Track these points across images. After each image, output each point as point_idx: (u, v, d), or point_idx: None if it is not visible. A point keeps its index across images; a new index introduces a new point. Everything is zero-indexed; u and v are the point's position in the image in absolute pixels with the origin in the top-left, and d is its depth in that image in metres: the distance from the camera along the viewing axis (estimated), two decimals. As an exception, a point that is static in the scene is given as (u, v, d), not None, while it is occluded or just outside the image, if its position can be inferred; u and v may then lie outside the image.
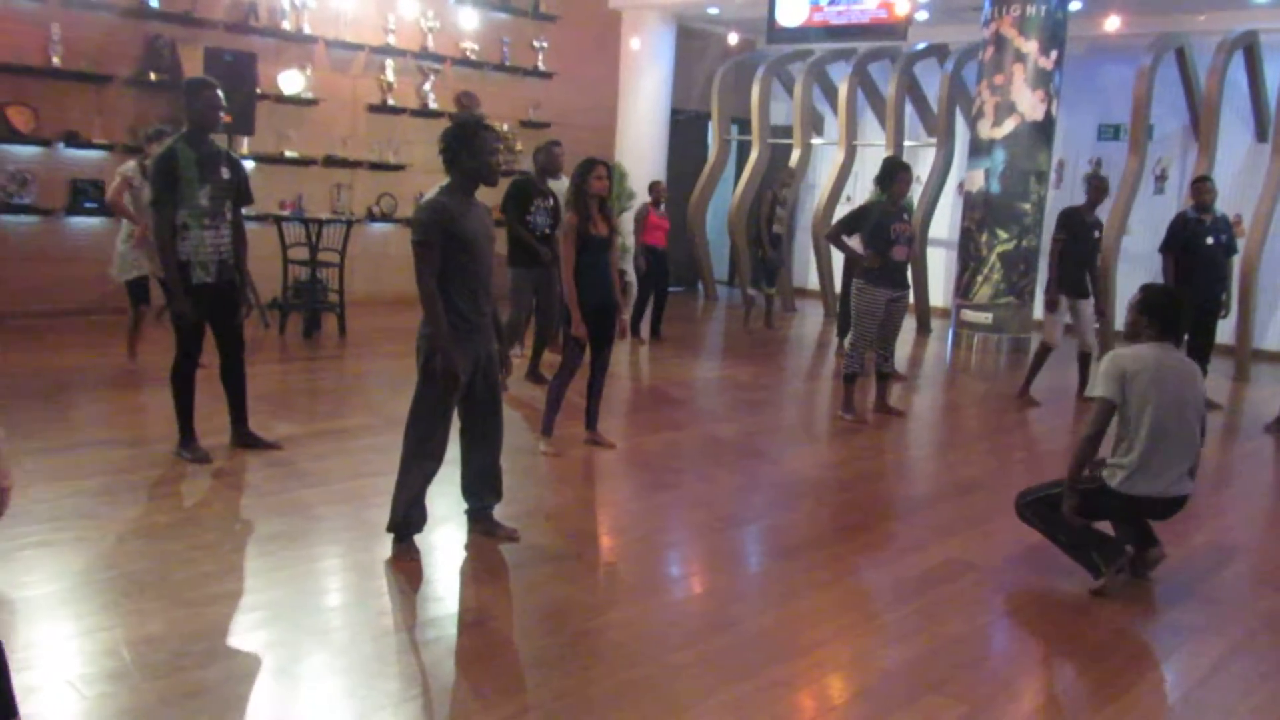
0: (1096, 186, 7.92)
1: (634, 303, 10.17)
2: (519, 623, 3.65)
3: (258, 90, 9.76)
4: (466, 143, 4.00)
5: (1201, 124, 10.47)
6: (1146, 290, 4.28)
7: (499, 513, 4.48)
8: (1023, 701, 3.32)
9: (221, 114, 5.14)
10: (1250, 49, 10.55)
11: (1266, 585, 4.44)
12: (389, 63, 10.99)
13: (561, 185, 7.55)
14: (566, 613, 3.71)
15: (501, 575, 4.05)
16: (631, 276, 11.62)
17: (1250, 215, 10.26)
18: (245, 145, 9.90)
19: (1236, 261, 8.76)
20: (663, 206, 10.06)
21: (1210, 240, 7.96)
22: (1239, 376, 9.72)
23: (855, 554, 4.55)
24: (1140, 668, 3.58)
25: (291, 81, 10.29)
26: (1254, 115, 11.02)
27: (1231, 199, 10.50)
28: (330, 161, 10.67)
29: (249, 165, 9.95)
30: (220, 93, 5.10)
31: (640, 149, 13.19)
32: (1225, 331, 9.02)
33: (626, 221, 12.32)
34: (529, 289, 7.40)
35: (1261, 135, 11.01)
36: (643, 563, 4.35)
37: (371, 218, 10.99)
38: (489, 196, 7.70)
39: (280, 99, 10.23)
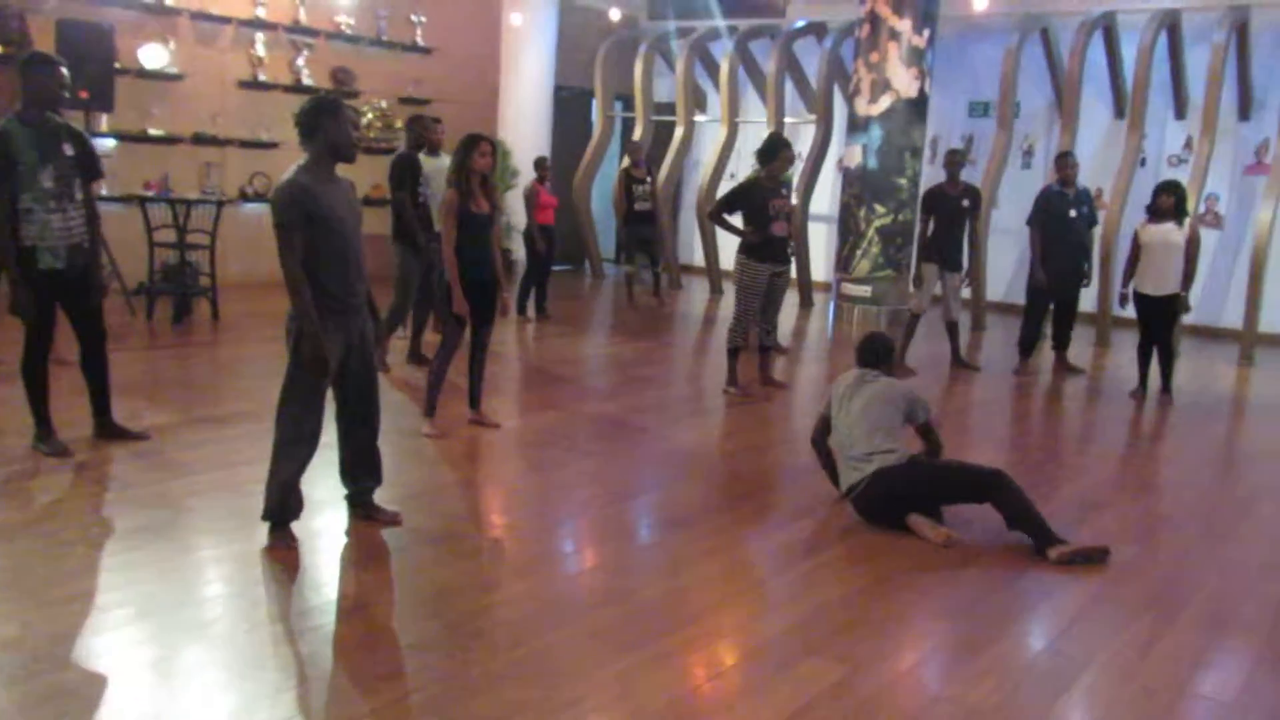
0: (950, 161, 8.19)
1: (521, 281, 10.09)
2: (401, 607, 3.60)
3: (116, 65, 9.30)
4: (324, 118, 3.89)
5: (1064, 102, 10.87)
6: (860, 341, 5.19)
7: (380, 496, 4.40)
8: (897, 660, 3.43)
9: (64, 91, 4.84)
10: (1109, 29, 11.00)
11: (1124, 538, 4.67)
12: (259, 36, 10.61)
13: (442, 164, 7.44)
14: (450, 595, 3.67)
15: (383, 560, 3.98)
16: (519, 255, 11.55)
17: (1110, 189, 10.72)
18: (105, 122, 9.45)
19: (1098, 233, 9.16)
20: (548, 184, 9.99)
21: (1073, 213, 8.30)
22: (1100, 342, 10.18)
23: (740, 524, 4.62)
24: (1006, 621, 3.73)
25: (154, 56, 9.85)
26: (1112, 93, 11.50)
27: (1093, 173, 10.98)
28: (199, 139, 10.27)
29: (109, 143, 9.53)
30: (64, 69, 4.81)
31: (523, 126, 13.05)
32: (1088, 299, 9.42)
33: (510, 199, 12.22)
34: (417, 266, 7.24)
35: (1119, 113, 11.51)
36: (529, 541, 4.33)
37: (244, 198, 10.64)
38: (374, 174, 7.54)
39: (142, 74, 9.79)
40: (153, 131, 9.90)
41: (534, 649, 3.30)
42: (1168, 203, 7.46)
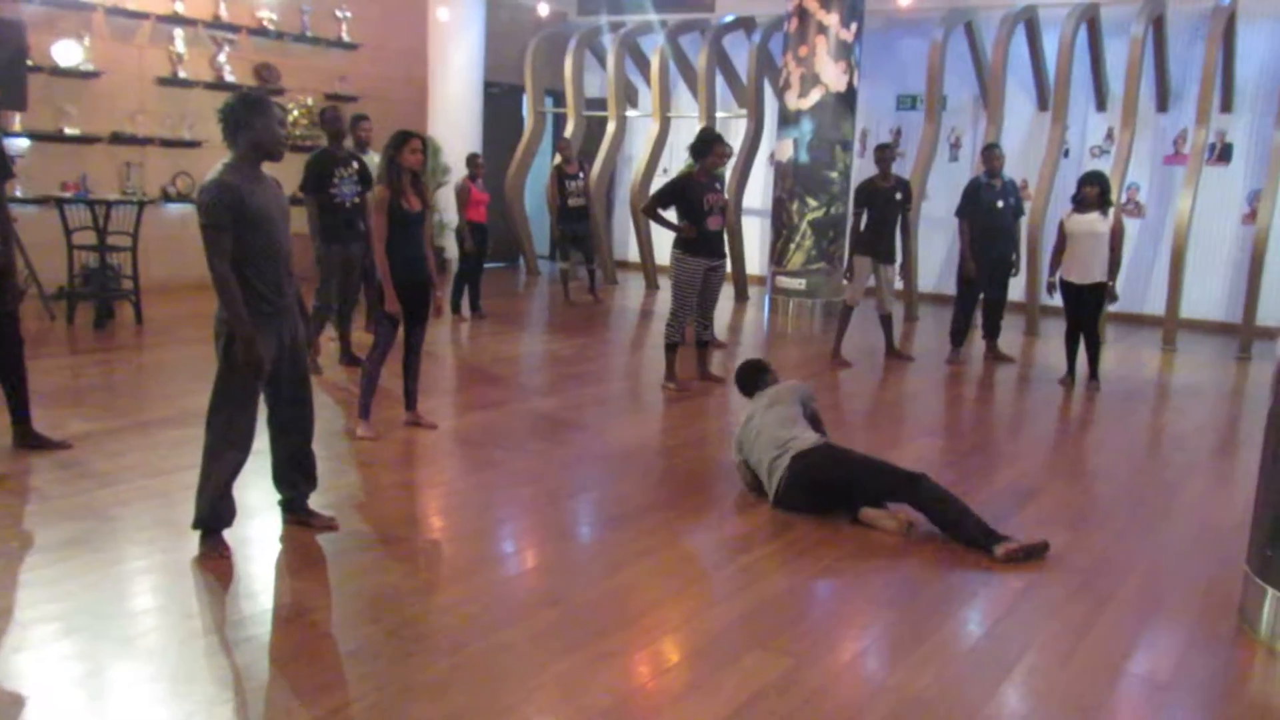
0: (880, 157, 8.28)
1: (454, 279, 9.99)
2: (339, 614, 3.53)
3: (29, 62, 9.00)
4: (249, 115, 3.80)
5: (989, 95, 11.07)
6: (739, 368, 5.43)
7: (315, 501, 4.32)
8: (842, 651, 3.44)
9: None
10: (1030, 23, 11.22)
11: (1058, 523, 4.76)
12: (178, 32, 10.34)
13: (372, 161, 7.33)
14: (389, 600, 3.61)
15: (319, 566, 3.91)
16: (451, 253, 11.43)
17: (1035, 179, 10.94)
18: (18, 121, 9.13)
19: (1024, 223, 9.34)
20: (480, 181, 9.90)
21: (1001, 204, 8.45)
22: (1029, 331, 10.38)
23: (681, 519, 4.61)
24: (948, 609, 3.77)
25: (68, 52, 9.55)
26: (1035, 86, 11.74)
27: (1018, 164, 11.19)
28: (117, 139, 9.98)
29: (22, 143, 9.22)
30: None
31: (454, 123, 12.93)
32: (1016, 289, 9.61)
33: (442, 197, 12.09)
34: (337, 265, 7.12)
35: (1043, 105, 11.75)
36: (469, 543, 4.28)
37: (167, 198, 10.37)
38: (290, 178, 7.40)
39: (56, 71, 9.48)
40: (69, 131, 9.59)
41: (476, 652, 3.25)
42: (1092, 193, 7.63)
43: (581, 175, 10.94)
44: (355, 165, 7.14)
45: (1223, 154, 10.96)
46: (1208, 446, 6.52)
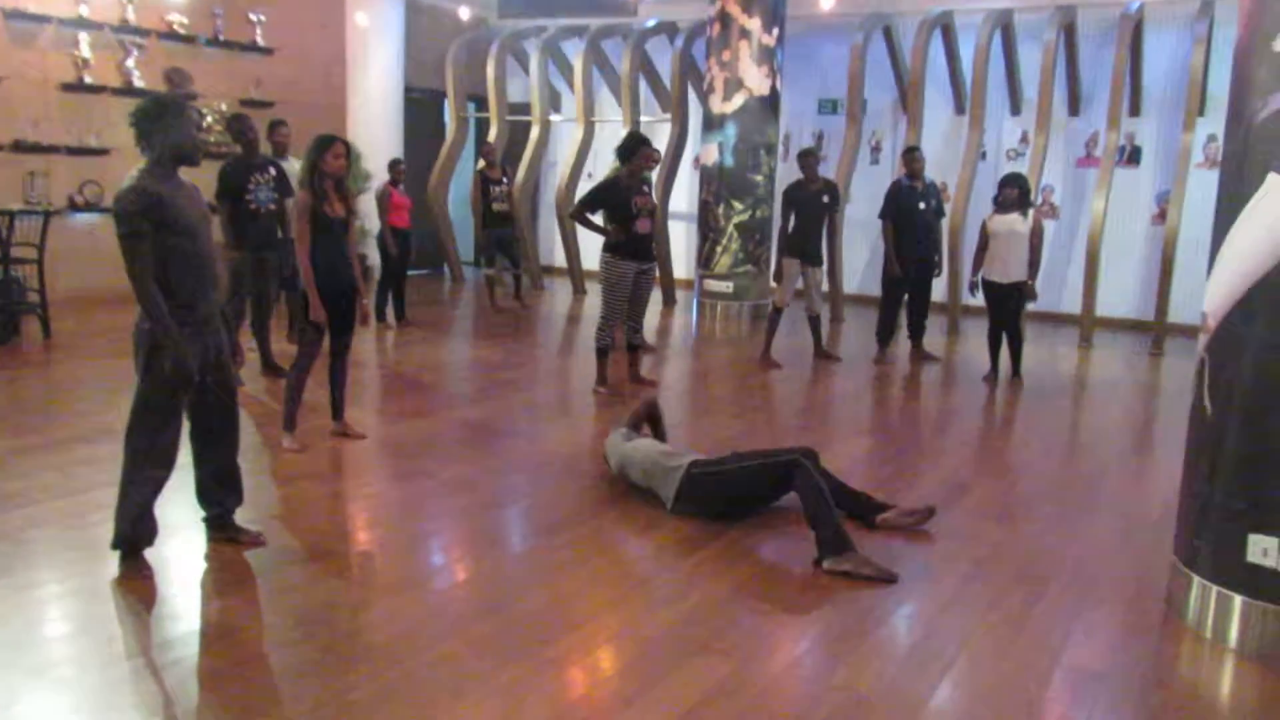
0: (805, 163, 8.36)
1: (378, 286, 9.85)
2: (270, 633, 3.43)
3: (-76, 66, 8.63)
4: (166, 118, 3.69)
5: (908, 99, 11.26)
6: None
7: (241, 516, 4.20)
8: (784, 652, 3.45)
9: None
10: (946, 28, 11.46)
11: (988, 519, 4.84)
12: (83, 36, 10.00)
13: (291, 168, 7.19)
14: (322, 616, 3.52)
15: (247, 583, 3.80)
16: (374, 260, 11.25)
17: (954, 182, 11.16)
18: (-87, 129, 8.75)
19: (945, 224, 9.52)
20: (402, 186, 9.77)
21: (922, 205, 8.59)
22: (952, 330, 10.57)
23: (616, 525, 4.59)
24: (886, 606, 3.80)
25: (-34, 56, 9.17)
26: (953, 90, 11.98)
27: (938, 167, 11.41)
28: (20, 147, 9.61)
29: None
30: None
31: (374, 128, 12.74)
32: (939, 289, 9.77)
33: (363, 204, 11.90)
34: (250, 273, 6.95)
35: (960, 109, 12.00)
36: (401, 555, 4.20)
37: (74, 208, 10.01)
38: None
39: (-47, 76, 9.11)
40: (-33, 138, 9.21)
41: (413, 667, 3.18)
42: (1013, 194, 7.79)
43: (505, 180, 10.86)
44: (272, 171, 7.01)
45: (1132, 156, 11.31)
46: (1126, 441, 6.70)
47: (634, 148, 6.94)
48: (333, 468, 5.35)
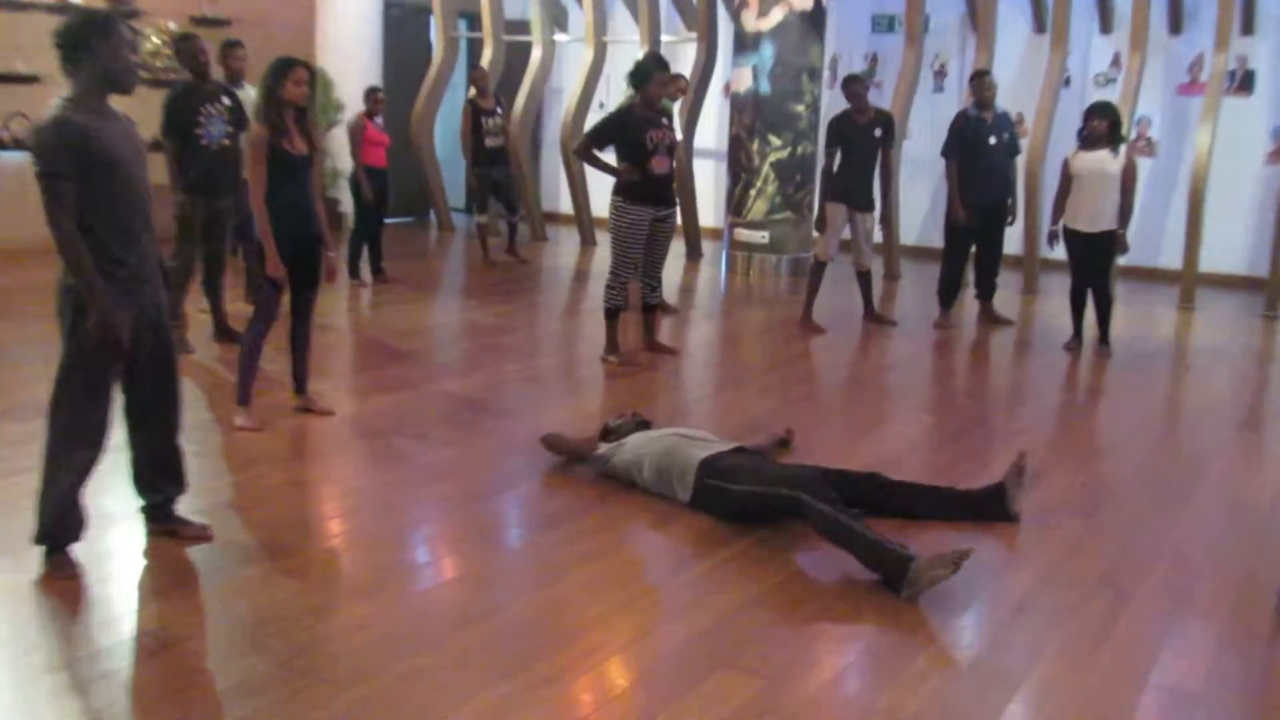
0: (852, 90, 8.24)
1: (351, 236, 9.84)
2: (216, 642, 3.43)
3: None
4: (93, 39, 3.66)
5: (979, 15, 11.09)
6: None
7: (185, 506, 4.20)
8: (821, 669, 3.42)
9: None
10: (1025, -72, 11.26)
11: (1067, 511, 4.79)
12: (7, -57, 9.97)
13: (248, 96, 7.16)
14: (279, 622, 3.51)
15: (191, 584, 3.80)
16: (346, 206, 11.24)
17: (1032, 113, 11.01)
18: None
19: (1021, 162, 9.39)
20: (380, 119, 9.72)
21: (993, 140, 8.48)
22: (1028, 289, 10.47)
23: (625, 518, 4.57)
24: (944, 616, 3.76)
25: None
26: (1031, 5, 11.79)
27: (1013, 96, 11.24)
28: (-66, 72, 9.61)
29: None
30: None
31: (348, 51, 12.71)
32: (1013, 240, 9.67)
33: (334, 140, 11.87)
34: (200, 220, 6.93)
35: (1040, 27, 11.82)
36: (375, 551, 4.19)
37: (0, 145, 10.02)
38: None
39: None
40: (-128, 63, 9.21)
41: (384, 684, 3.17)
42: (1101, 127, 7.67)
43: (500, 111, 10.80)
44: (226, 102, 6.98)
45: (1244, 83, 11.12)
46: (1235, 417, 6.62)
47: (649, 72, 6.88)
48: (294, 450, 5.34)
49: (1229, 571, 4.23)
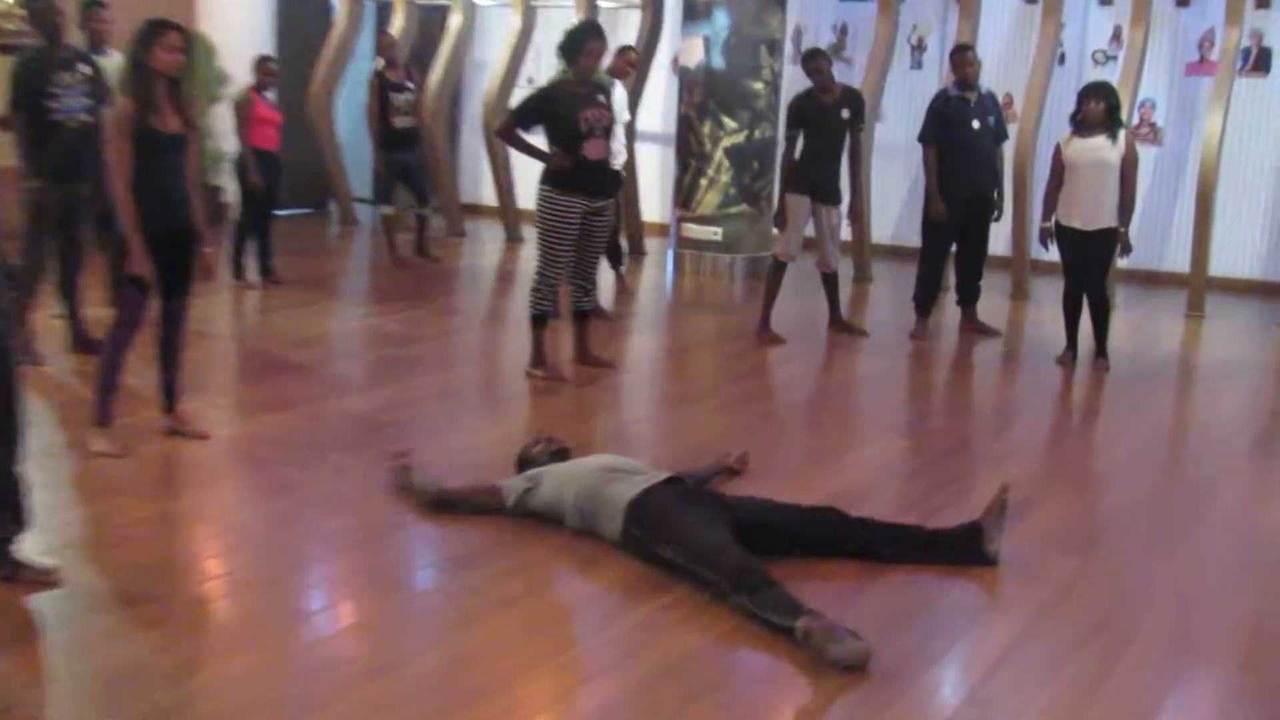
0: (814, 66, 8.31)
1: (235, 230, 9.75)
2: (61, 707, 3.38)
3: None
4: None
5: (962, -21, 11.22)
6: None
7: (28, 546, 4.11)
8: (775, 731, 3.41)
9: None
10: (1014, -116, 11.42)
11: (1058, 547, 4.83)
12: None
13: (113, 65, 7.09)
14: (137, 682, 3.45)
15: (31, 639, 3.74)
16: (230, 195, 11.12)
17: (1022, 93, 11.15)
18: None
19: (1009, 149, 9.50)
20: (271, 94, 9.65)
21: (977, 124, 8.57)
22: (1016, 294, 10.59)
23: (547, 560, 4.55)
24: (915, 666, 3.77)
25: None
26: (1021, -32, 11.97)
27: (1000, 74, 11.40)
28: None
29: None
30: None
31: (234, 15, 12.66)
32: (1000, 238, 9.78)
33: (218, 117, 11.76)
34: (55, 210, 6.83)
35: (1031, -6, 11.98)
36: (255, 597, 4.15)
37: None
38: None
39: None
40: None
41: (262, 753, 3.12)
42: (1097, 110, 7.77)
43: (412, 86, 10.78)
44: (85, 70, 6.91)
45: (1259, 62, 11.34)
46: (1247, 441, 6.73)
47: (580, 42, 6.86)
48: (161, 479, 5.30)
49: (1237, 616, 4.28)
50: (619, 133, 9.04)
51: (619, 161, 8.90)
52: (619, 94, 9.20)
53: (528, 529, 4.78)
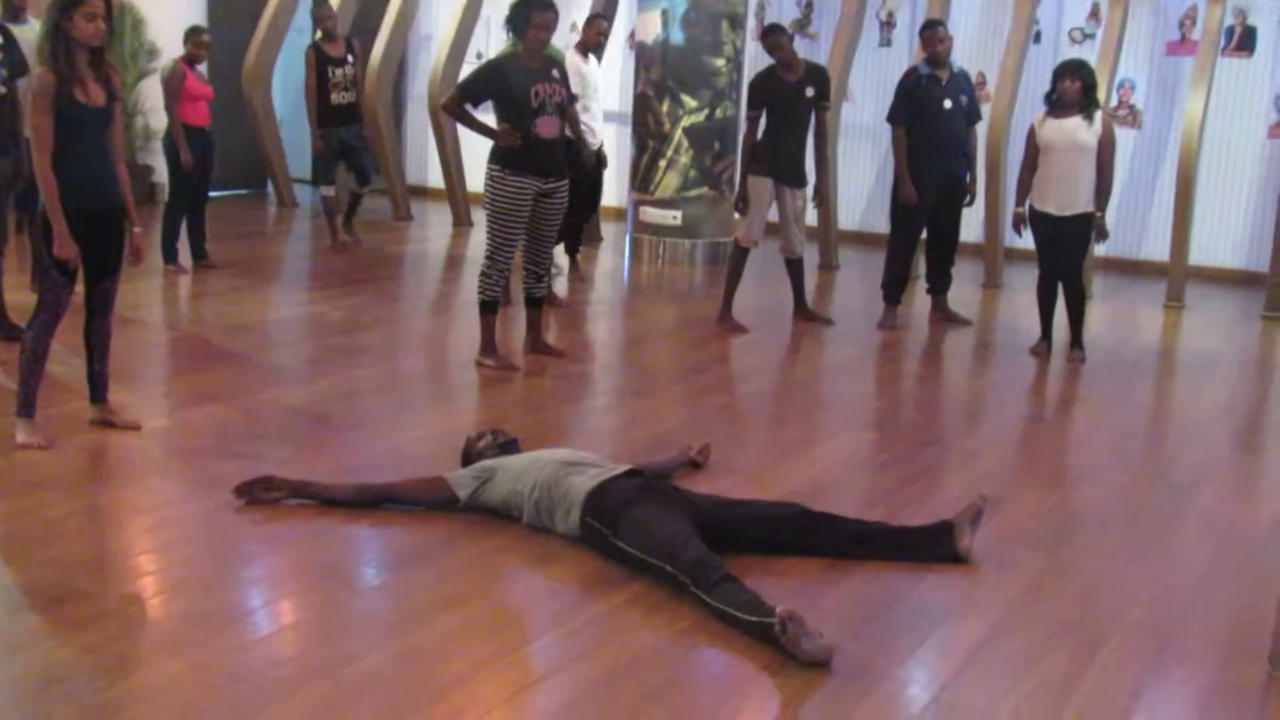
0: (773, 41, 8.36)
1: (165, 211, 9.69)
2: (-15, 709, 3.36)
3: None
4: None
5: (934, -49, 11.28)
6: None
7: (-53, 542, 4.11)
8: (736, 731, 3.45)
9: None
10: None
11: (1029, 544, 4.89)
12: None
13: (31, 32, 7.04)
14: (66, 684, 3.45)
15: (-46, 638, 3.73)
16: (160, 175, 11.06)
17: (995, 72, 11.24)
18: None
19: (982, 131, 9.58)
20: (203, 67, 9.59)
21: (949, 104, 8.63)
22: (989, 282, 10.68)
23: (499, 555, 4.57)
24: (879, 669, 3.81)
25: None
26: (996, -59, 12.07)
27: (974, 52, 11.49)
28: None
29: None
30: None
31: (163, -19, 12.53)
32: (972, 224, 9.86)
33: (146, 91, 11.69)
34: None
35: (1005, -32, 12.08)
36: (189, 596, 4.15)
37: None
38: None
39: None
40: None
41: (198, 756, 3.14)
42: (1073, 89, 7.84)
43: (352, 60, 10.70)
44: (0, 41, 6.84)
45: (1243, 41, 11.45)
46: (1229, 435, 6.84)
47: (527, 14, 6.81)
48: (89, 472, 5.28)
49: (1216, 615, 4.34)
50: (596, 110, 9.12)
51: (596, 141, 8.99)
52: (592, 68, 9.25)
53: (476, 524, 4.79)
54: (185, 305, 8.70)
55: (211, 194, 9.95)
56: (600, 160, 9.28)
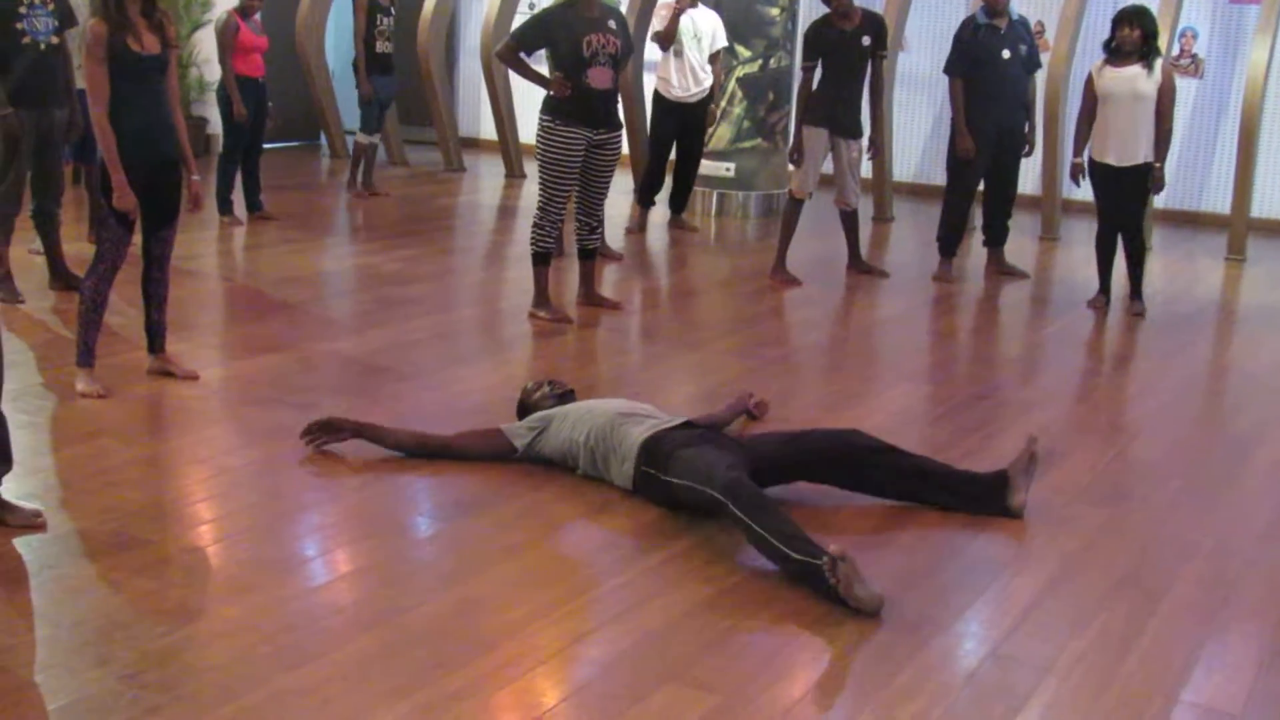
0: None
1: (220, 162, 9.73)
2: (50, 652, 3.42)
3: None
4: None
5: (993, -103, 11.11)
6: None
7: (12, 489, 4.16)
8: (787, 684, 3.46)
9: None
10: None
11: (1087, 499, 4.86)
12: None
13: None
14: (128, 629, 3.50)
15: (18, 583, 3.78)
16: (214, 126, 11.11)
17: (1055, 21, 11.08)
18: None
19: (1041, 80, 9.46)
20: (258, 18, 9.60)
21: (1007, 53, 8.52)
22: (1047, 234, 10.58)
23: (555, 505, 4.59)
24: (934, 622, 3.81)
25: None
26: (1056, -114, 11.86)
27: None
28: None
29: None
30: None
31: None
32: (1030, 175, 9.76)
33: (200, 44, 11.73)
34: (29, 139, 6.82)
35: (1066, -86, 11.88)
36: (250, 543, 4.19)
37: None
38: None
39: None
40: None
41: (255, 702, 3.17)
42: (1132, 37, 7.72)
43: (393, 11, 10.66)
44: None
45: (1310, -13, 11.25)
46: (1289, 391, 6.75)
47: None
48: (148, 421, 5.32)
49: (1276, 573, 4.31)
50: (702, 61, 9.22)
51: (702, 90, 9.57)
52: (709, 15, 9.29)
53: (533, 474, 4.82)
54: (240, 256, 8.75)
55: (265, 146, 9.99)
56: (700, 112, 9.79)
